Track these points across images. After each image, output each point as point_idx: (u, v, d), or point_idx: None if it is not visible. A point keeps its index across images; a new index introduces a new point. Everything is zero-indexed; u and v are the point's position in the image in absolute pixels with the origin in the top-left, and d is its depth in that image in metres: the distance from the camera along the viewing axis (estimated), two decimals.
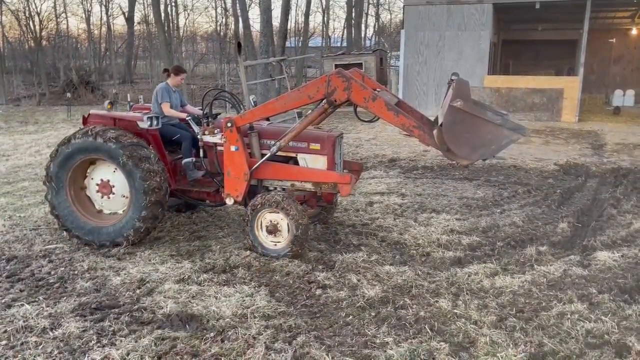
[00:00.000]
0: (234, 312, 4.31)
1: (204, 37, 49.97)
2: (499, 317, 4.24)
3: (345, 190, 5.53)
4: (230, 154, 5.61)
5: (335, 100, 5.19)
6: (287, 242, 5.47)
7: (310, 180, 5.68)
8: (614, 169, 9.94)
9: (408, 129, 5.09)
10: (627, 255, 5.54)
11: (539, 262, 5.43)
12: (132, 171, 5.58)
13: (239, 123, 5.54)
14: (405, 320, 4.19)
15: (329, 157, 5.70)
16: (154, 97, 6.45)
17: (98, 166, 5.96)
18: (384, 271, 5.18)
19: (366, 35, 46.71)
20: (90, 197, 6.07)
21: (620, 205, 7.56)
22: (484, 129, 4.82)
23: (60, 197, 5.87)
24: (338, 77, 5.12)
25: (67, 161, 5.80)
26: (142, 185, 5.56)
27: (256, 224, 5.55)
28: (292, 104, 5.42)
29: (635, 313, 4.23)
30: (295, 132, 5.53)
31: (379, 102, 5.07)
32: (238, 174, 5.62)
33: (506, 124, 4.85)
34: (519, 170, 10.12)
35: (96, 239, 5.82)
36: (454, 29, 18.45)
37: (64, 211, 5.89)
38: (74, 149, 5.74)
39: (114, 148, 5.58)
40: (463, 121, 4.73)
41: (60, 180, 5.84)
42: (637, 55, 24.42)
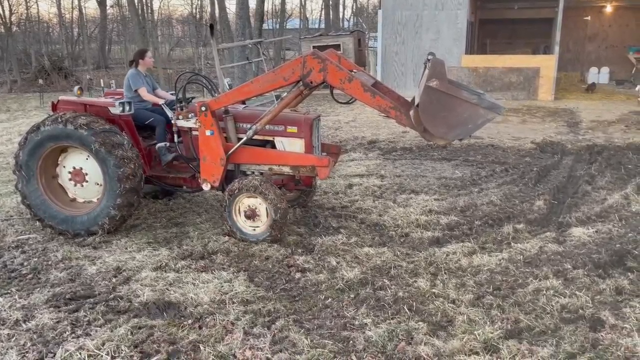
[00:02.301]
0: (212, 298, 4.27)
1: (179, 21, 49.05)
2: (477, 295, 4.28)
3: (324, 173, 5.49)
4: (205, 138, 5.51)
5: (311, 82, 5.10)
6: (266, 227, 5.43)
7: (288, 163, 5.62)
8: (589, 146, 10.07)
9: (385, 110, 5.05)
10: (601, 230, 5.63)
11: (516, 239, 5.49)
12: (105, 158, 5.45)
13: (213, 107, 5.43)
14: (384, 301, 4.21)
15: (306, 140, 5.65)
16: (126, 84, 6.32)
17: (70, 154, 5.81)
18: (363, 253, 5.19)
19: (344, 17, 46.35)
20: (62, 185, 5.94)
21: (595, 181, 7.67)
22: (460, 108, 4.79)
23: (32, 186, 5.73)
24: (313, 58, 5.03)
25: (37, 149, 5.64)
26: (115, 173, 5.45)
27: (234, 209, 5.50)
28: (267, 87, 5.31)
29: (609, 287, 4.31)
30: (271, 116, 5.45)
31: (355, 83, 5.00)
32: (214, 159, 5.54)
33: (482, 102, 4.83)
34: (496, 149, 10.19)
35: (70, 228, 5.71)
36: (431, 8, 18.38)
37: (35, 200, 5.76)
38: (43, 136, 5.58)
39: (85, 135, 5.43)
40: (439, 101, 4.70)
41: (30, 169, 5.69)
42: (611, 33, 24.66)
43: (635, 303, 4.04)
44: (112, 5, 38.99)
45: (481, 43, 24.94)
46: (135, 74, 6.32)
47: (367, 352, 3.52)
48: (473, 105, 4.81)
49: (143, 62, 6.44)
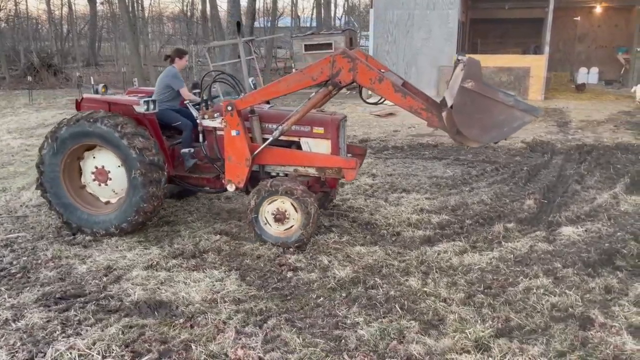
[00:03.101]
0: (203, 297, 4.26)
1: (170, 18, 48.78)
2: (468, 294, 4.30)
3: (351, 175, 5.38)
4: (231, 138, 5.37)
5: (340, 82, 5.01)
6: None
7: (314, 165, 5.49)
8: (579, 145, 10.16)
9: (416, 111, 4.98)
10: (590, 229, 5.68)
11: (507, 238, 5.52)
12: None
13: (239, 106, 5.29)
14: (376, 299, 4.22)
15: (333, 141, 5.52)
16: (162, 82, 6.15)
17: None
18: (355, 252, 5.20)
19: (336, 15, 46.35)
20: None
21: (584, 181, 7.73)
22: (495, 110, 4.71)
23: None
24: (343, 57, 4.94)
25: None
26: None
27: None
28: (295, 86, 5.19)
29: (598, 286, 4.35)
30: (298, 116, 5.31)
31: (385, 83, 4.92)
32: (239, 160, 5.39)
33: (519, 105, 4.76)
34: (487, 148, 10.22)
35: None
36: (422, 7, 18.42)
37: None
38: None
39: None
40: (474, 102, 4.63)
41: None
42: (600, 34, 24.86)
43: (624, 302, 4.09)
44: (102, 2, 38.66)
45: (472, 43, 25.04)
46: (178, 74, 6.21)
47: (359, 350, 3.52)
48: (509, 108, 4.73)
49: (180, 62, 6.32)
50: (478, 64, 4.71)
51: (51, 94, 21.77)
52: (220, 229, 5.86)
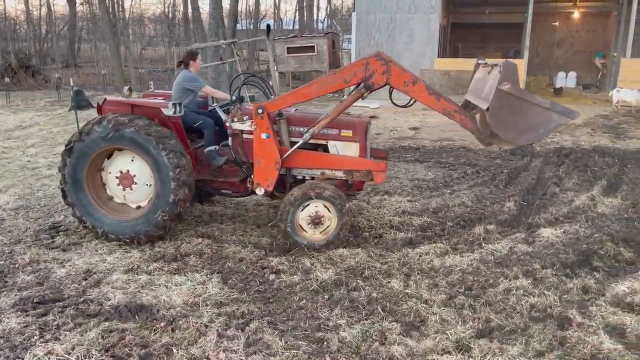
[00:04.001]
0: (185, 300, 4.23)
1: (151, 19, 48.35)
2: (449, 295, 4.34)
3: (381, 177, 5.42)
4: (260, 141, 5.29)
5: (374, 84, 5.02)
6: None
7: (344, 168, 5.50)
8: (557, 148, 10.33)
9: (449, 113, 5.05)
10: (568, 231, 5.77)
11: (487, 240, 5.59)
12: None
13: (270, 109, 5.25)
14: (358, 301, 4.23)
15: (361, 144, 5.52)
16: (180, 86, 6.09)
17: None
18: (337, 254, 5.20)
19: (318, 18, 46.44)
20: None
21: (563, 183, 7.86)
22: (531, 112, 4.77)
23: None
24: (377, 60, 4.96)
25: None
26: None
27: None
28: (327, 89, 5.20)
29: (575, 287, 4.42)
30: (330, 118, 5.32)
31: (419, 86, 4.99)
32: (269, 163, 5.31)
33: (555, 107, 4.83)
34: (468, 151, 10.36)
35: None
36: (404, 11, 18.57)
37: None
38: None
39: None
40: (510, 104, 4.70)
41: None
42: (578, 39, 25.33)
43: (600, 302, 4.16)
44: (82, 3, 38.19)
45: (453, 46, 25.31)
46: (195, 76, 6.16)
47: (341, 352, 3.53)
48: (545, 110, 4.80)
49: (194, 64, 6.26)
50: (515, 67, 4.78)
51: (29, 96, 21.42)
52: (202, 232, 5.83)
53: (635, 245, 5.35)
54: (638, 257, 5.08)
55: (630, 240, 5.47)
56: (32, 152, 10.52)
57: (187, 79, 6.11)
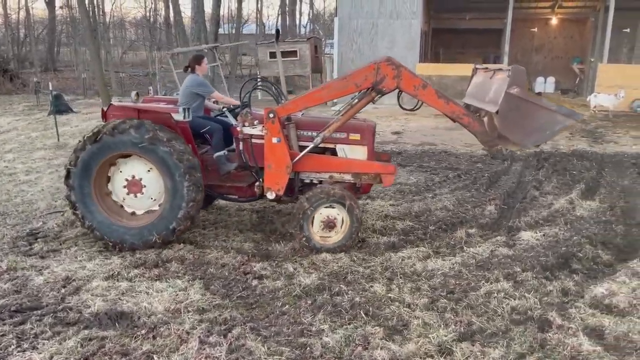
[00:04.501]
0: (166, 307, 4.18)
1: (132, 23, 47.93)
2: (431, 299, 4.36)
3: (389, 180, 5.51)
4: (272, 146, 5.29)
5: (384, 89, 5.11)
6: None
7: (353, 171, 5.55)
8: (537, 152, 10.46)
9: (458, 116, 5.20)
10: (548, 234, 5.85)
11: (469, 244, 5.63)
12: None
13: (281, 114, 5.25)
14: (341, 306, 4.22)
15: (369, 147, 5.59)
16: (188, 91, 6.00)
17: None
18: (320, 259, 5.20)
19: (301, 23, 46.50)
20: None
21: (542, 187, 7.97)
22: (539, 114, 4.96)
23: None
24: (388, 64, 5.04)
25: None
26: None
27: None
28: (338, 93, 5.28)
29: (555, 289, 4.48)
30: (341, 122, 5.38)
31: (429, 90, 5.11)
32: (280, 167, 5.33)
33: (560, 109, 5.03)
34: (449, 155, 10.45)
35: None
36: (386, 17, 18.71)
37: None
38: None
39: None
40: (518, 107, 4.87)
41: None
42: (556, 44, 25.77)
43: (580, 304, 4.22)
44: (62, 6, 37.69)
45: (434, 52, 25.55)
46: (204, 81, 6.09)
47: (324, 358, 3.52)
48: (552, 112, 4.99)
49: (200, 68, 6.21)
50: (523, 71, 4.98)
51: (7, 100, 21.05)
52: (184, 237, 5.77)
53: (613, 248, 5.45)
54: (616, 260, 5.18)
55: (608, 242, 5.57)
56: (10, 158, 10.34)
57: (196, 84, 6.03)
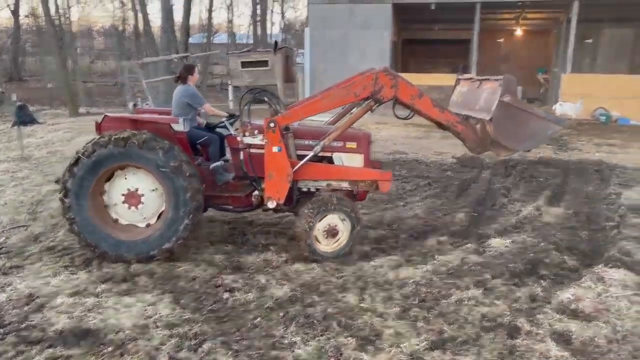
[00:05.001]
0: (134, 323, 4.08)
1: (100, 32, 47.24)
2: (403, 308, 4.38)
3: (386, 187, 5.66)
4: (272, 155, 5.30)
5: (383, 98, 5.25)
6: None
7: (351, 178, 5.66)
8: (505, 160, 10.64)
9: (452, 124, 5.43)
10: (516, 241, 5.96)
11: (440, 251, 5.69)
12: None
13: (281, 123, 5.28)
14: (314, 317, 4.20)
15: (365, 155, 5.73)
16: (181, 101, 5.91)
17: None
18: (293, 270, 5.17)
19: (272, 33, 46.56)
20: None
21: (511, 194, 8.12)
22: (530, 121, 5.24)
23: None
24: (386, 75, 5.21)
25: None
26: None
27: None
28: (337, 102, 5.39)
29: (524, 295, 4.56)
30: (340, 131, 5.48)
31: (425, 99, 5.33)
32: (281, 176, 5.34)
33: (549, 116, 5.37)
34: (420, 164, 10.56)
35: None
36: (357, 27, 18.90)
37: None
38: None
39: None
40: (511, 115, 5.13)
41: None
42: (522, 55, 26.45)
43: (547, 309, 4.30)
44: (27, 15, 36.88)
45: (405, 62, 25.90)
46: (196, 92, 6.02)
47: None
48: (542, 119, 5.30)
49: (192, 78, 6.14)
50: (514, 81, 5.24)
51: None
52: None
53: (578, 253, 5.58)
54: (581, 265, 5.30)
55: (573, 248, 5.71)
56: None
57: (188, 95, 5.96)
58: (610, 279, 4.85)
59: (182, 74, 6.17)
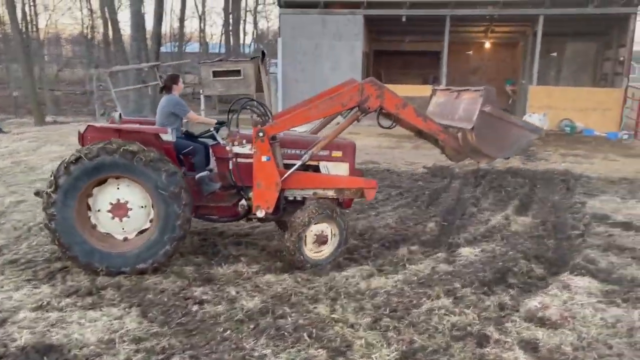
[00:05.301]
0: (100, 338, 3.97)
1: (69, 40, 46.37)
2: (374, 318, 4.37)
3: (372, 194, 5.79)
4: (261, 164, 5.33)
5: (369, 108, 5.39)
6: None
7: (338, 186, 5.76)
8: (474, 170, 10.84)
9: (435, 133, 5.63)
10: (486, 250, 6.04)
11: (411, 261, 5.72)
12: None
13: (270, 132, 5.31)
14: (284, 329, 4.16)
15: (350, 163, 5.88)
16: (165, 111, 5.83)
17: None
18: (264, 281, 5.13)
19: (245, 42, 46.52)
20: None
21: (480, 203, 8.25)
22: (509, 130, 5.47)
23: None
24: (371, 85, 5.38)
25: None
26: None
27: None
28: (325, 112, 5.50)
29: (493, 304, 4.61)
30: (328, 140, 5.60)
31: (409, 109, 5.52)
32: (270, 185, 5.37)
33: (527, 125, 5.63)
34: (392, 173, 10.64)
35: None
36: (329, 38, 19.04)
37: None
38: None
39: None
40: (492, 124, 5.37)
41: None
42: (490, 67, 27.04)
43: (515, 317, 4.36)
44: None
45: (376, 73, 26.15)
46: (180, 101, 5.97)
47: None
48: (520, 128, 5.54)
49: (178, 88, 6.07)
50: (494, 91, 5.51)
51: None
52: None
53: (545, 262, 5.69)
54: (548, 273, 5.40)
55: (540, 256, 5.81)
56: None
57: (173, 104, 5.90)
58: (576, 286, 4.96)
59: (167, 83, 6.14)
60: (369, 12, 19.04)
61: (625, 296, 4.78)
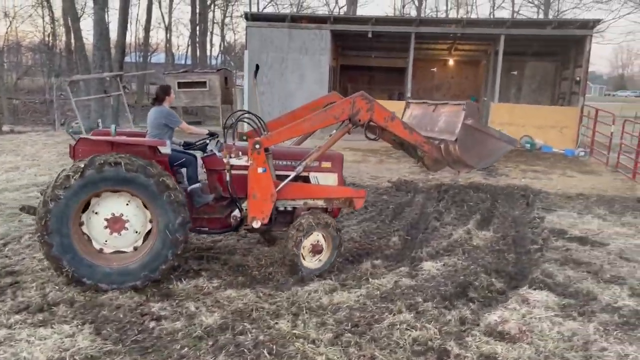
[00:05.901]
0: (49, 357, 3.81)
1: (29, 48, 45.08)
2: (336, 333, 4.33)
3: (360, 203, 6.02)
4: (257, 176, 5.41)
5: (360, 120, 5.62)
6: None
7: (329, 196, 5.95)
8: (437, 185, 11.00)
9: (420, 144, 5.89)
10: (448, 264, 6.09)
11: (374, 275, 5.71)
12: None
13: (266, 144, 5.42)
14: (244, 346, 4.07)
15: (339, 174, 6.11)
16: (157, 122, 5.75)
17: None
18: (225, 296, 5.03)
19: (212, 54, 46.26)
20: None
21: (443, 218, 8.34)
22: (488, 142, 5.88)
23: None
24: (362, 99, 5.61)
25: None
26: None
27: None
28: (318, 125, 5.63)
29: (453, 318, 4.63)
30: (321, 151, 5.79)
31: (396, 122, 5.78)
32: (265, 196, 5.46)
33: (503, 137, 5.94)
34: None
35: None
36: (295, 52, 19.09)
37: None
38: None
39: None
40: (473, 136, 5.71)
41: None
42: (454, 84, 27.61)
43: (475, 332, 4.39)
44: None
45: (343, 87, 26.37)
46: (172, 112, 5.91)
47: None
48: (497, 140, 5.94)
49: (169, 99, 6.00)
50: (476, 106, 5.92)
51: None
52: None
53: (505, 276, 5.77)
54: (508, 287, 5.48)
55: (501, 271, 5.89)
56: None
57: (164, 115, 5.82)
58: (534, 300, 5.04)
59: (158, 94, 6.06)
60: (336, 28, 19.21)
61: (581, 310, 4.89)
